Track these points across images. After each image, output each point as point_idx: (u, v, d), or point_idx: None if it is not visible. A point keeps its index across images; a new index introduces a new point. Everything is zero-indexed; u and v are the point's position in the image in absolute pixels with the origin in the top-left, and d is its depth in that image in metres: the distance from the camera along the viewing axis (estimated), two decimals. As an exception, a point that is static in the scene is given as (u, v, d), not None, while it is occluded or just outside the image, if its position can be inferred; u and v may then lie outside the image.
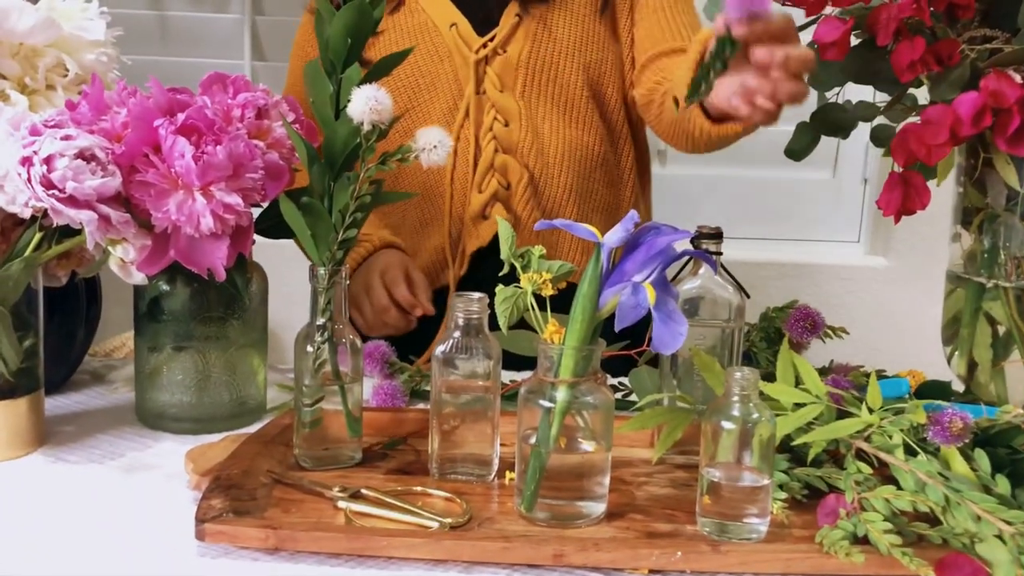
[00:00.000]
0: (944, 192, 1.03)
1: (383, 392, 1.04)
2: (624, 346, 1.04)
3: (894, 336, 1.86)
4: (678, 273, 0.92)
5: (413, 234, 1.30)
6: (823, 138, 1.23)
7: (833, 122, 1.20)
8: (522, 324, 0.94)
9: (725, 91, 0.90)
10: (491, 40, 1.22)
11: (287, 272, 1.34)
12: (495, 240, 1.23)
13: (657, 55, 1.22)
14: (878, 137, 1.19)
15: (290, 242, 0.95)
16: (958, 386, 1.00)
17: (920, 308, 1.85)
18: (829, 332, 0.98)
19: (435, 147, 0.80)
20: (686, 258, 0.97)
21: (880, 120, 1.20)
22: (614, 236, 0.74)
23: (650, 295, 0.72)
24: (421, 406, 1.03)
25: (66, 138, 0.82)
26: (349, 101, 0.78)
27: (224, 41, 1.85)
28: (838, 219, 1.93)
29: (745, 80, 0.86)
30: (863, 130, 1.93)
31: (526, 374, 0.91)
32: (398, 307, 1.17)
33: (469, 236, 1.25)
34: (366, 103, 0.77)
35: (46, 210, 0.83)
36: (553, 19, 1.23)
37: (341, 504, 0.78)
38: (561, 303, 0.80)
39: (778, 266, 1.85)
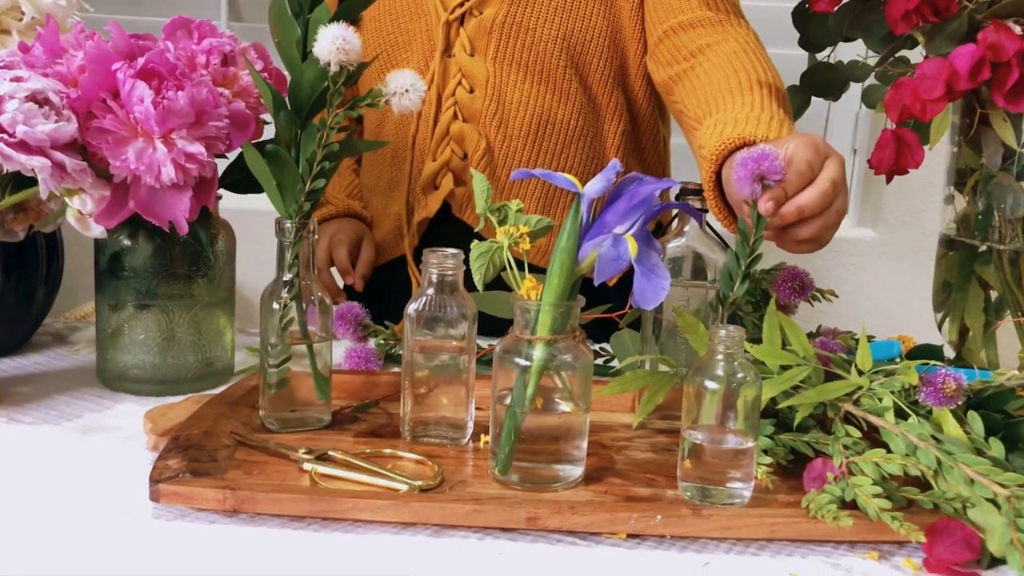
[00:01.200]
0: (935, 161, 1.00)
1: (356, 355, 1.00)
2: (606, 309, 1.00)
3: (882, 308, 1.83)
4: (662, 232, 0.88)
5: (383, 197, 1.26)
6: (812, 110, 1.20)
7: (823, 83, 1.16)
8: (498, 286, 0.91)
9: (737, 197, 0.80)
10: (467, 0, 1.17)
11: (261, 236, 1.30)
12: (443, 211, 1.19)
13: (670, 30, 1.11)
14: (869, 97, 1.16)
15: (264, 207, 0.90)
16: (949, 354, 0.98)
17: (909, 280, 1.82)
18: (817, 295, 0.94)
19: (407, 91, 0.76)
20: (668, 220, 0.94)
21: (871, 82, 1.17)
22: (594, 186, 0.70)
23: (632, 247, 0.68)
24: (395, 369, 0.99)
25: (16, 80, 0.78)
26: (316, 41, 0.74)
27: (200, 0, 1.79)
28: (827, 190, 1.89)
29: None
30: (853, 98, 1.90)
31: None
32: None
33: (419, 206, 1.20)
34: (333, 42, 0.73)
35: (-4, 156, 0.79)
36: None
37: (307, 466, 0.74)
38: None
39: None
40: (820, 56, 1.14)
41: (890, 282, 1.84)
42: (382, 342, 1.04)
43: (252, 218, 1.23)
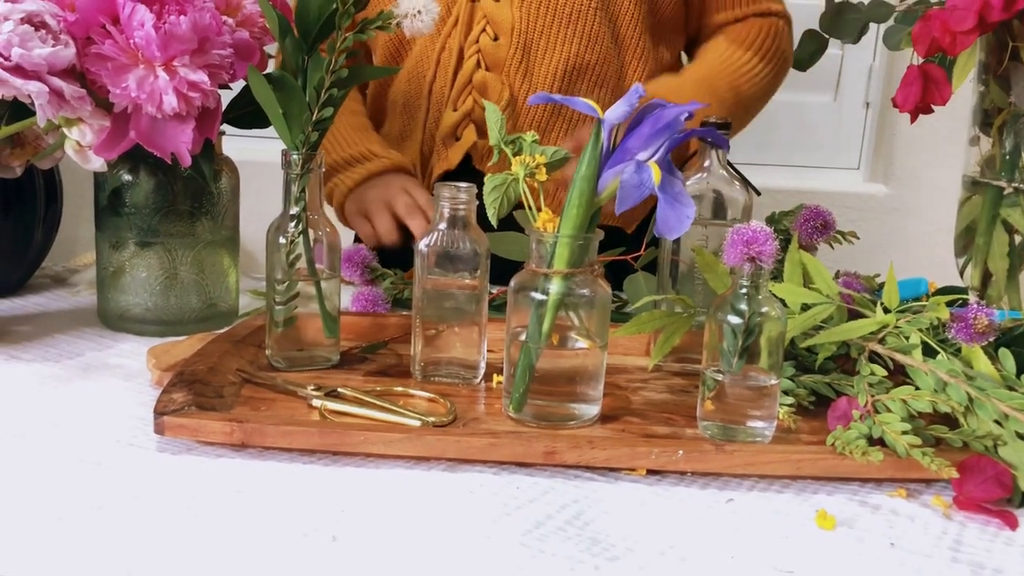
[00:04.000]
0: (947, 115, 0.97)
1: (364, 298, 0.97)
2: (620, 253, 0.98)
3: (895, 265, 1.81)
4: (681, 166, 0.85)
5: (393, 147, 1.21)
6: (823, 64, 1.16)
7: (843, 24, 1.13)
8: (510, 226, 0.88)
9: None
10: None
11: (261, 186, 1.27)
12: (464, 164, 1.15)
13: (716, 27, 1.21)
14: (891, 38, 1.12)
15: (264, 157, 0.87)
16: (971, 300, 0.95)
17: (922, 237, 1.80)
18: (839, 237, 0.92)
19: (419, 13, 0.73)
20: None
21: (890, 24, 1.13)
22: (616, 111, 0.67)
23: (655, 174, 0.65)
24: (404, 312, 0.97)
25: (12, 0, 0.74)
26: (325, -40, 0.71)
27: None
28: (838, 145, 1.87)
29: None
30: (867, 51, 1.86)
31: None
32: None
33: (438, 157, 1.16)
34: (343, -41, 0.69)
35: (-9, 82, 0.76)
36: None
37: (316, 403, 0.72)
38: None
39: (775, 192, 1.79)
40: (838, -1, 1.11)
41: (901, 237, 1.82)
42: (390, 285, 1.02)
43: (254, 169, 1.20)
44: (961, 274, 0.99)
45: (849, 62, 1.80)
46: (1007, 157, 0.91)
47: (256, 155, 1.33)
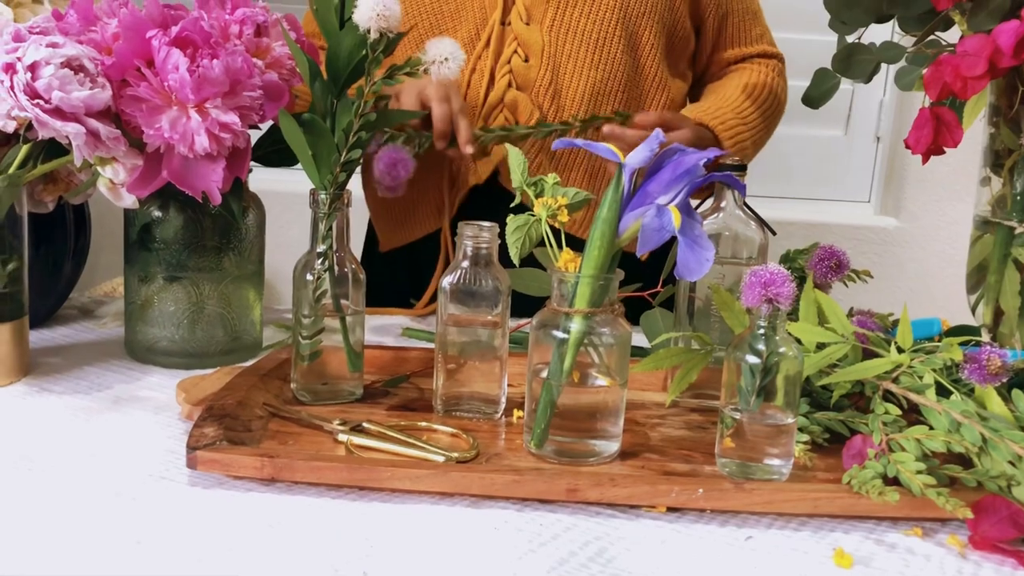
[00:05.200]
0: (958, 149, 0.99)
1: (388, 157, 0.95)
2: (636, 289, 1.00)
3: (905, 298, 1.82)
4: (697, 207, 0.87)
5: (416, 171, 1.24)
6: (835, 100, 1.19)
7: (855, 65, 1.15)
8: (530, 265, 0.90)
9: None
10: None
11: (282, 216, 1.29)
12: (492, 180, 1.18)
13: (725, 62, 1.28)
14: (902, 79, 1.14)
15: (289, 189, 0.89)
16: (983, 337, 0.97)
17: (932, 270, 1.81)
18: (852, 275, 0.93)
19: (446, 60, 0.75)
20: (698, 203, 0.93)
21: (902, 64, 1.15)
22: (637, 156, 0.69)
23: (676, 218, 0.67)
24: (424, 345, 0.99)
25: (52, 45, 0.77)
26: (355, 8, 0.73)
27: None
28: (849, 178, 1.89)
29: None
30: (877, 87, 1.89)
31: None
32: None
33: (468, 172, 1.18)
34: (373, 8, 0.72)
35: (31, 123, 0.78)
36: None
37: (341, 437, 0.74)
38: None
39: (786, 225, 1.81)
40: (849, 39, 1.13)
41: (912, 270, 1.83)
42: (404, 141, 1.00)
43: (273, 198, 1.22)
44: (973, 311, 1.00)
45: (860, 97, 1.83)
46: (1018, 198, 0.93)
47: (275, 185, 1.35)
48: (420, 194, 1.22)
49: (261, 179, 0.96)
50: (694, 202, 0.81)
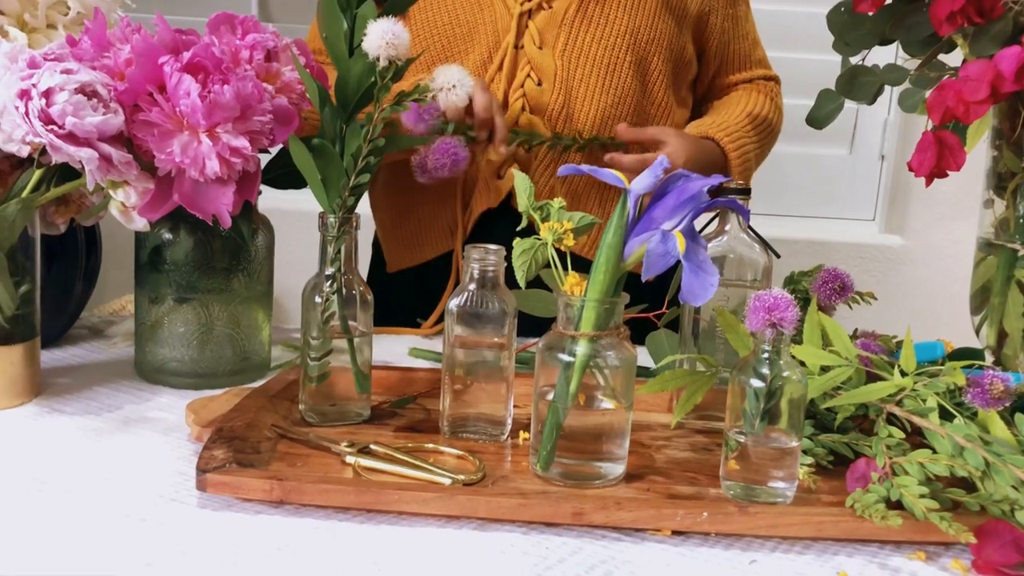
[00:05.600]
0: (962, 170, 1.00)
1: (444, 148, 0.94)
2: (642, 309, 1.00)
3: (910, 317, 1.83)
4: (702, 229, 0.88)
5: (428, 192, 1.25)
6: (839, 119, 1.19)
7: (859, 86, 1.16)
8: (537, 285, 0.91)
9: None
10: None
11: (288, 235, 1.30)
12: (505, 203, 1.19)
13: (727, 86, 1.30)
14: (905, 101, 1.15)
15: (296, 208, 0.90)
16: (986, 359, 0.97)
17: (936, 288, 1.82)
18: (856, 297, 0.94)
19: (454, 87, 0.76)
20: (708, 220, 0.94)
21: (906, 86, 1.16)
22: (642, 182, 0.70)
23: (680, 243, 0.68)
24: (430, 366, 1.00)
25: (66, 72, 0.78)
26: (364, 36, 0.74)
27: (230, 1, 1.80)
28: (853, 196, 1.89)
29: None
30: (881, 106, 1.90)
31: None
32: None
33: (480, 196, 1.20)
34: (382, 37, 0.73)
35: (45, 148, 0.79)
36: None
37: (349, 459, 0.74)
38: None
39: (791, 243, 1.82)
40: (853, 60, 1.14)
41: (916, 288, 1.83)
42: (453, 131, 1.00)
43: (282, 217, 1.23)
44: (977, 332, 1.00)
45: (864, 116, 1.84)
46: (1021, 220, 0.93)
47: (283, 204, 1.37)
48: (432, 216, 1.24)
49: (268, 198, 0.97)
50: (703, 220, 0.82)
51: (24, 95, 0.77)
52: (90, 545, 0.62)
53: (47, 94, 0.77)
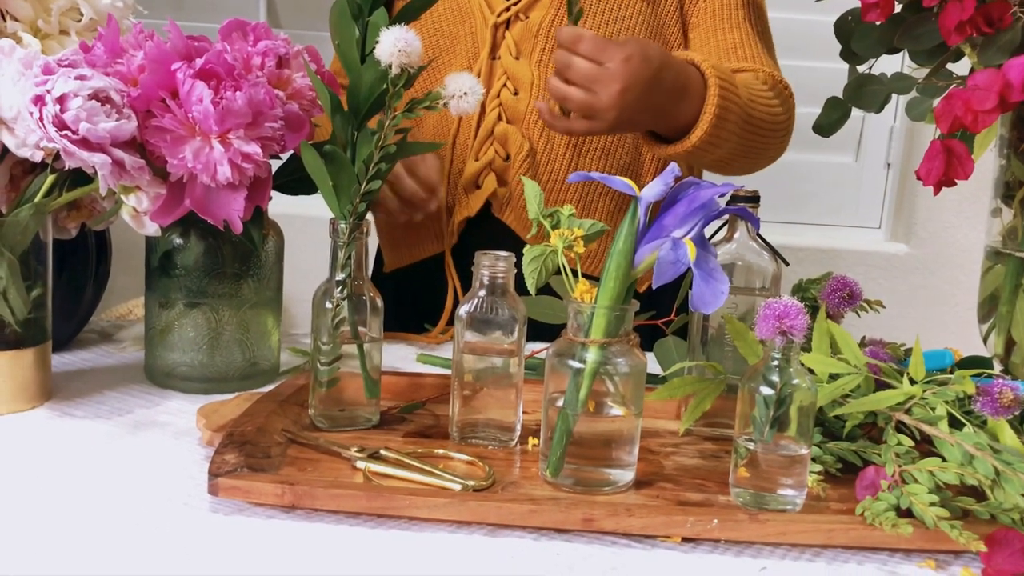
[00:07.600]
0: (969, 179, 1.00)
1: None
2: (650, 316, 1.01)
3: (916, 325, 1.83)
4: (711, 237, 0.88)
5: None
6: (845, 126, 1.20)
7: (867, 95, 1.16)
8: (545, 293, 0.91)
9: None
10: (514, 4, 1.18)
11: (297, 240, 1.30)
12: (484, 210, 1.20)
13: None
14: (913, 110, 1.16)
15: (306, 213, 0.91)
16: (994, 367, 0.97)
17: (943, 296, 1.82)
18: (865, 305, 0.94)
19: (465, 94, 0.77)
20: (716, 227, 0.94)
21: (912, 95, 1.17)
22: (653, 189, 0.71)
23: (691, 251, 0.68)
24: (439, 371, 1.00)
25: (80, 78, 0.79)
26: (376, 43, 0.75)
27: (239, 7, 1.81)
28: (859, 204, 1.90)
29: None
30: (888, 114, 1.90)
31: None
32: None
33: (460, 205, 1.20)
34: (395, 44, 0.73)
35: (58, 153, 0.80)
36: None
37: (359, 464, 0.75)
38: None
39: (797, 251, 1.82)
40: (861, 69, 1.15)
41: (923, 296, 1.83)
42: None
43: (292, 222, 1.24)
44: (985, 341, 1.01)
45: (870, 123, 1.84)
46: (1029, 229, 0.93)
47: (293, 209, 1.37)
48: (420, 222, 1.25)
49: (278, 203, 0.97)
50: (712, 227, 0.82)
51: (38, 101, 0.78)
52: (101, 549, 0.62)
53: (61, 100, 0.78)
